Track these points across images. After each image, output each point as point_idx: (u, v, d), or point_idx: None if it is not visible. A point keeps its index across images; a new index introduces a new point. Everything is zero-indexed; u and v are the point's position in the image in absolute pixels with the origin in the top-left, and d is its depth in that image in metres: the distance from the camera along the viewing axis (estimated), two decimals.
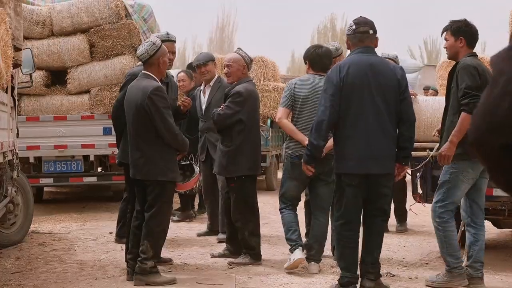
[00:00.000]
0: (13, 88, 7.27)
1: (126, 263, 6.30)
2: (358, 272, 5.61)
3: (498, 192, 6.59)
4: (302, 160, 5.78)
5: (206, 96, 7.92)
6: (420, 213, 8.66)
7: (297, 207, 6.65)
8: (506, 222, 7.35)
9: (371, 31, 5.57)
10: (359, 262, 5.62)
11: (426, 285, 5.92)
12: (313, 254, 6.45)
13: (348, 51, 5.73)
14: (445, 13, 54.51)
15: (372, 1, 55.68)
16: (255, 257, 6.74)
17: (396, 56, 8.22)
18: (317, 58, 6.48)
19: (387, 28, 49.87)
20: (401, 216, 8.67)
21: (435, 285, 5.86)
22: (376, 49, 5.66)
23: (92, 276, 6.30)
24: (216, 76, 8.02)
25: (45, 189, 12.29)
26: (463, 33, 5.79)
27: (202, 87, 8.12)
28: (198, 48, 42.99)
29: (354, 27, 5.56)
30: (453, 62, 6.29)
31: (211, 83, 7.90)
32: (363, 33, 5.54)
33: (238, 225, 6.70)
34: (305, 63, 6.67)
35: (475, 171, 5.74)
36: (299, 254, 6.38)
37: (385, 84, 5.43)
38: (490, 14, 49.17)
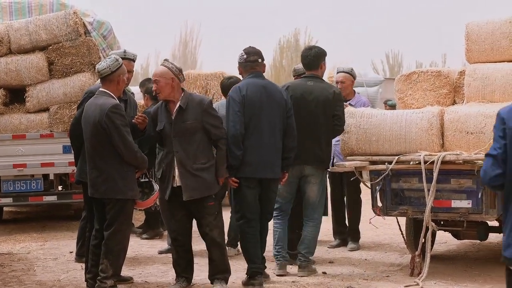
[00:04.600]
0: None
1: (85, 282, 6.24)
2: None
3: (456, 203, 6.67)
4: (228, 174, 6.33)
5: None
6: (380, 226, 8.73)
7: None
8: (465, 233, 7.38)
9: (260, 60, 6.49)
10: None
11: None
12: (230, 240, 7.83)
13: None
14: (406, 28, 55.22)
15: (335, 15, 56.18)
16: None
17: (352, 69, 8.31)
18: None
19: (350, 42, 50.38)
20: (354, 235, 8.45)
21: (275, 273, 6.76)
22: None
23: None
24: None
25: (5, 209, 12.08)
26: None
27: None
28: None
29: (245, 56, 6.46)
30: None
31: None
32: (253, 61, 6.46)
33: (224, 245, 6.42)
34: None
35: (290, 174, 6.63)
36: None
37: (276, 103, 6.36)
38: (449, 28, 49.96)
